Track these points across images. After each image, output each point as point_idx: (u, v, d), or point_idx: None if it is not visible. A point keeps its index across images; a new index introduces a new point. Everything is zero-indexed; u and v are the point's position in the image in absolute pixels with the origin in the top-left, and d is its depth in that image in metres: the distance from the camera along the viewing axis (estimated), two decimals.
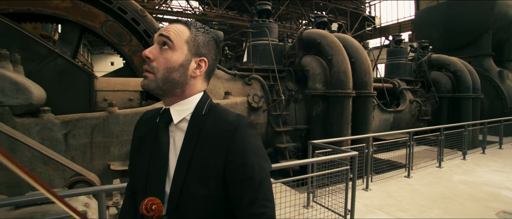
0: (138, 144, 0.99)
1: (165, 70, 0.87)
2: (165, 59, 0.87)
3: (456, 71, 9.65)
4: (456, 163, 6.62)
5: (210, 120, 0.88)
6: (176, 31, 0.89)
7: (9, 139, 3.50)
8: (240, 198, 0.83)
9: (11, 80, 3.45)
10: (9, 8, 5.00)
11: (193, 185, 0.83)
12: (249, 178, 0.83)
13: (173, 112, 0.90)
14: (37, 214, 2.03)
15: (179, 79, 0.88)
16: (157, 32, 0.90)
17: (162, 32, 0.88)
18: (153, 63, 0.87)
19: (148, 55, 0.87)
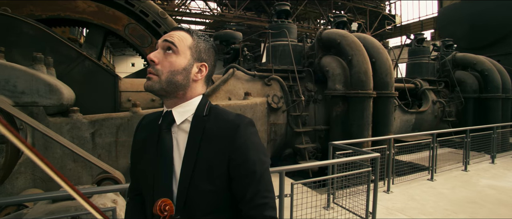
0: (140, 146, 1.02)
1: (169, 73, 0.92)
2: (170, 63, 0.92)
3: (483, 71, 9.24)
4: (483, 166, 6.34)
5: (211, 120, 0.94)
6: (180, 37, 0.95)
7: (44, 137, 3.72)
8: (244, 191, 0.90)
9: (45, 82, 3.65)
10: (43, 14, 5.30)
11: (200, 182, 0.88)
12: (252, 172, 0.90)
13: (175, 113, 0.94)
14: (71, 208, 2.15)
15: (182, 81, 0.93)
16: (161, 38, 0.95)
17: (167, 38, 0.93)
18: (158, 66, 0.92)
19: (153, 59, 0.92)
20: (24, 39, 4.20)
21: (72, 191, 0.76)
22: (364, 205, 3.51)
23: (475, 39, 12.57)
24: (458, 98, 9.18)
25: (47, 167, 0.69)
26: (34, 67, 3.73)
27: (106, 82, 4.75)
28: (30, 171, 3.78)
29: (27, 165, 3.76)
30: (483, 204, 4.25)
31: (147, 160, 0.97)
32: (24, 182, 3.76)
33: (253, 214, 0.89)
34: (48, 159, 3.82)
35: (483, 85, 9.29)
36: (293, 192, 2.82)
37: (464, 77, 9.50)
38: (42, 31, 4.30)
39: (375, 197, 3.39)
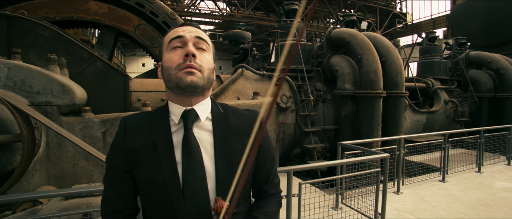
0: (137, 155, 0.90)
1: (209, 70, 0.92)
2: (207, 60, 0.92)
3: (498, 69, 8.97)
4: (499, 168, 6.17)
5: (231, 116, 0.98)
6: (206, 35, 0.95)
7: (57, 136, 3.82)
8: (268, 174, 1.03)
9: (58, 82, 3.76)
10: (57, 16, 5.45)
11: (227, 168, 0.90)
12: (272, 157, 1.05)
13: (199, 111, 0.92)
14: (82, 205, 2.21)
15: (213, 80, 0.95)
16: (185, 32, 0.90)
17: (198, 34, 0.91)
18: (198, 61, 0.88)
19: (195, 53, 0.88)
20: (39, 41, 4.33)
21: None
22: (373, 206, 3.47)
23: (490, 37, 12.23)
24: (471, 98, 8.96)
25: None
26: (48, 68, 3.84)
27: (117, 82, 4.85)
28: (44, 168, 3.90)
29: (42, 162, 3.88)
30: (498, 208, 4.13)
31: (159, 166, 0.87)
32: (39, 179, 3.88)
33: (273, 191, 1.04)
34: (61, 157, 3.94)
35: (499, 84, 9.03)
36: (301, 191, 2.81)
37: (478, 76, 9.25)
38: (56, 33, 4.42)
39: (384, 198, 3.35)
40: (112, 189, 0.94)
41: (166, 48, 0.92)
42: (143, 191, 0.92)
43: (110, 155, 0.95)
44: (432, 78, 9.08)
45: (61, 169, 3.97)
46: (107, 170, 0.96)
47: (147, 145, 0.89)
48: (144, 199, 0.93)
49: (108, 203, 0.95)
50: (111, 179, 0.94)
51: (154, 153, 0.88)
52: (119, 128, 0.95)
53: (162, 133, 0.90)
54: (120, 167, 0.92)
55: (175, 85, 0.88)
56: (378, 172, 3.39)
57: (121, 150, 0.92)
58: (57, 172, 3.94)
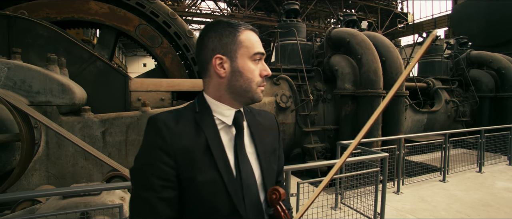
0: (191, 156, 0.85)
1: None
2: None
3: (500, 69, 8.94)
4: (500, 168, 6.14)
5: (255, 115, 1.04)
6: None
7: (57, 135, 3.83)
8: (282, 165, 1.11)
9: (58, 82, 3.76)
10: (57, 17, 5.46)
11: (273, 164, 1.01)
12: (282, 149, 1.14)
13: (244, 112, 0.98)
14: (81, 204, 2.21)
15: None
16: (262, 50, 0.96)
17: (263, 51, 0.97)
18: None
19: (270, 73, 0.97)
20: (39, 40, 4.34)
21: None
22: (372, 206, 3.47)
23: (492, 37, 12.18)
24: (472, 97, 8.92)
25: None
26: (48, 67, 3.85)
27: (116, 82, 4.85)
28: (44, 168, 3.91)
29: (42, 162, 3.89)
30: (499, 208, 4.12)
31: (216, 166, 0.86)
32: (39, 178, 3.89)
33: (282, 180, 1.14)
34: (61, 156, 3.95)
35: (500, 84, 8.99)
36: (299, 191, 2.81)
37: (479, 76, 9.22)
38: (56, 33, 4.43)
39: (384, 197, 3.34)
40: (158, 199, 0.81)
41: (248, 56, 0.90)
42: (199, 193, 0.85)
43: (148, 160, 0.83)
44: (433, 78, 9.05)
45: (61, 169, 3.98)
46: (144, 178, 0.82)
47: (199, 144, 0.86)
48: (198, 201, 0.86)
49: (148, 215, 0.82)
50: (154, 188, 0.81)
51: (208, 153, 0.86)
52: (155, 129, 0.84)
53: (211, 132, 0.88)
54: (168, 172, 0.82)
55: (249, 98, 0.93)
56: (377, 171, 3.38)
57: (167, 152, 0.82)
58: (56, 172, 3.95)
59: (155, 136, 0.84)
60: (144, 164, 0.84)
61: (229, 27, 0.91)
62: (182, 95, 5.54)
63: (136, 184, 0.85)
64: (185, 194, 0.85)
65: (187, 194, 0.85)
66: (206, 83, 0.95)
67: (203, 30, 0.95)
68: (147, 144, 0.85)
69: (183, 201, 0.86)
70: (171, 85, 5.31)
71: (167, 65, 6.37)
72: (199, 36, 0.95)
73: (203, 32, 0.94)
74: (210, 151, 0.86)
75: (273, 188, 0.89)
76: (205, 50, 0.92)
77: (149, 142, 0.85)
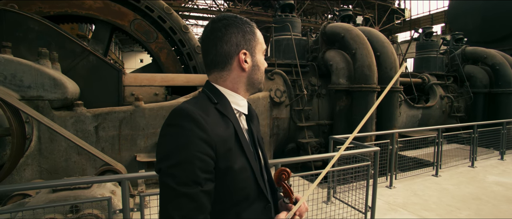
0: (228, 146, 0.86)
1: None
2: None
3: (494, 65, 8.98)
4: (492, 163, 6.21)
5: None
6: None
7: (49, 130, 3.82)
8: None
9: (50, 77, 3.74)
10: (50, 11, 5.40)
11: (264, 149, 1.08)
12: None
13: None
14: (70, 197, 2.21)
15: None
16: (263, 42, 1.04)
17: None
18: None
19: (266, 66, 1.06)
20: (30, 35, 4.30)
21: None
22: (364, 199, 3.50)
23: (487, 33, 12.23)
24: (467, 93, 8.97)
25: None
26: (39, 62, 3.82)
27: (110, 77, 4.83)
28: (36, 163, 3.90)
29: (34, 157, 3.88)
30: (488, 201, 4.17)
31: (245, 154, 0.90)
32: (31, 173, 3.89)
33: None
34: (53, 151, 3.94)
35: (494, 79, 9.04)
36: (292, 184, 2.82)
37: (474, 72, 9.26)
38: (48, 27, 4.40)
39: (375, 191, 3.37)
40: (202, 193, 0.78)
41: (262, 51, 1.01)
42: (233, 181, 0.86)
43: (190, 152, 0.78)
44: (428, 74, 9.08)
45: (53, 163, 3.97)
46: (188, 172, 0.77)
47: (230, 133, 0.88)
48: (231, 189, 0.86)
49: (194, 213, 0.77)
50: (199, 181, 0.78)
51: (237, 142, 0.89)
52: (192, 119, 0.80)
53: (236, 122, 0.92)
54: (209, 163, 0.80)
55: (259, 88, 1.03)
56: (369, 165, 3.41)
57: (208, 143, 0.80)
58: (49, 166, 3.94)
59: (194, 127, 0.79)
60: (186, 158, 0.78)
61: (248, 24, 0.97)
62: (176, 90, 5.53)
63: (177, 180, 0.77)
64: (218, 185, 0.84)
65: (221, 184, 0.84)
66: (223, 76, 0.95)
67: (220, 24, 0.93)
68: (184, 137, 0.79)
69: (215, 192, 0.84)
70: (165, 80, 5.30)
71: (162, 60, 6.34)
72: (215, 29, 0.93)
73: (222, 26, 0.93)
74: (239, 139, 0.89)
75: (281, 169, 0.97)
76: (227, 45, 0.92)
77: (188, 134, 0.79)
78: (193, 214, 0.77)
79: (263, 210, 0.94)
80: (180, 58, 6.41)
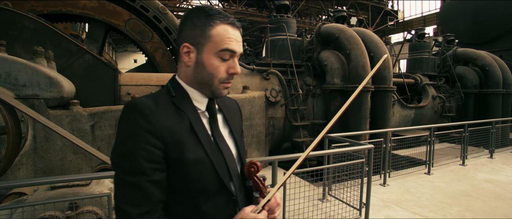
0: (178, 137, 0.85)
1: None
2: None
3: (484, 66, 9.19)
4: (482, 161, 6.36)
5: (222, 99, 1.09)
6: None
7: (44, 129, 3.80)
8: (243, 144, 1.13)
9: (45, 75, 3.73)
10: (44, 10, 5.36)
11: (243, 141, 1.11)
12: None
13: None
14: (69, 194, 2.22)
15: None
16: (237, 46, 0.92)
17: (242, 50, 0.97)
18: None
19: (239, 72, 0.95)
20: (25, 33, 4.27)
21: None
22: (359, 196, 3.56)
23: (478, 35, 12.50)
24: (458, 93, 9.16)
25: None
26: (35, 60, 3.80)
27: (106, 76, 4.82)
28: (31, 162, 3.87)
29: (29, 156, 3.85)
30: (478, 197, 4.28)
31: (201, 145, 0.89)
32: (26, 172, 3.86)
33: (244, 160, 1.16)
34: (49, 150, 3.92)
35: (484, 80, 9.25)
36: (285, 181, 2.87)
37: (465, 73, 9.46)
38: (43, 25, 4.37)
39: (369, 188, 3.44)
40: (148, 182, 0.80)
41: (213, 51, 0.90)
42: (187, 172, 0.86)
43: (135, 143, 0.81)
44: (421, 74, 9.24)
45: (49, 163, 3.95)
46: (133, 162, 0.80)
47: (183, 125, 0.88)
48: (187, 180, 0.86)
49: (142, 201, 0.79)
50: (145, 171, 0.80)
51: (192, 133, 0.88)
52: (139, 112, 0.83)
53: (193, 115, 0.92)
54: (156, 154, 0.82)
55: (211, 92, 0.94)
56: (363, 162, 3.48)
57: (153, 133, 0.81)
58: (44, 166, 3.92)
59: (139, 118, 0.82)
60: (131, 148, 0.81)
61: (203, 18, 0.90)
62: None
63: (123, 170, 0.81)
64: (172, 176, 0.85)
65: (175, 175, 0.85)
66: (178, 68, 0.98)
67: (184, 15, 0.96)
68: (130, 128, 0.82)
69: (170, 183, 0.85)
70: (161, 80, 5.31)
71: (158, 60, 6.34)
72: (181, 20, 0.96)
73: (183, 17, 0.95)
74: (194, 132, 0.88)
75: (250, 162, 0.94)
76: (179, 37, 0.94)
77: (133, 126, 0.82)
78: (139, 202, 0.79)
79: (226, 203, 0.92)
80: (175, 58, 6.42)
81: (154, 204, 0.81)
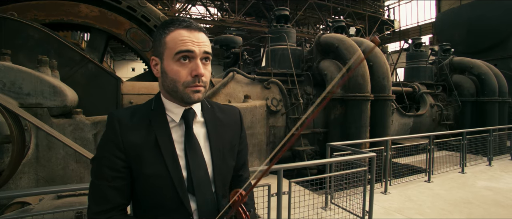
0: (139, 151, 0.90)
1: (209, 81, 0.97)
2: (209, 72, 0.95)
3: (480, 74, 9.34)
4: (480, 168, 6.41)
5: (217, 110, 1.07)
6: (210, 43, 0.97)
7: (47, 138, 3.80)
8: (244, 159, 1.15)
9: (49, 84, 3.75)
10: (46, 19, 5.42)
11: (229, 160, 1.04)
12: (247, 144, 1.18)
13: (196, 109, 0.99)
14: (75, 204, 2.23)
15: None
16: (194, 45, 0.89)
17: (206, 49, 0.92)
18: (203, 78, 0.91)
19: (203, 73, 0.91)
20: (30, 42, 4.31)
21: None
22: (361, 204, 3.58)
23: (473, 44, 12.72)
24: (455, 101, 9.27)
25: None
26: (39, 69, 3.83)
27: (108, 85, 4.85)
28: (33, 171, 3.86)
29: (31, 165, 3.84)
30: (479, 205, 4.31)
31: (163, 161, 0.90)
32: (27, 182, 3.84)
33: (247, 176, 1.18)
34: (51, 159, 3.91)
35: (480, 89, 9.39)
36: (290, 189, 2.89)
37: (462, 81, 9.60)
38: (47, 35, 4.42)
39: (372, 196, 3.46)
40: (108, 187, 0.89)
41: (170, 56, 0.90)
42: (145, 185, 0.91)
43: (102, 152, 0.91)
44: (419, 83, 9.37)
45: (51, 172, 3.93)
46: (99, 168, 0.91)
47: (148, 140, 0.91)
48: (145, 191, 0.92)
49: (101, 201, 0.89)
50: (105, 176, 0.89)
51: (156, 148, 0.90)
52: (110, 124, 0.91)
53: (161, 129, 0.93)
54: (117, 163, 0.89)
55: (180, 98, 0.92)
56: (365, 170, 3.51)
57: (117, 146, 0.89)
58: (46, 175, 3.91)
59: (109, 130, 0.92)
60: (99, 155, 0.92)
61: (161, 29, 0.93)
62: None
63: (92, 173, 0.92)
64: (135, 185, 0.92)
65: (137, 185, 0.92)
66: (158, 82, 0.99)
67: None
68: (103, 137, 0.93)
69: (134, 191, 0.94)
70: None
71: None
72: None
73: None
74: (158, 147, 0.91)
75: (235, 191, 0.90)
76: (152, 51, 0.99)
77: (104, 136, 0.93)
78: (100, 202, 0.89)
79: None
80: None
81: (112, 205, 0.90)
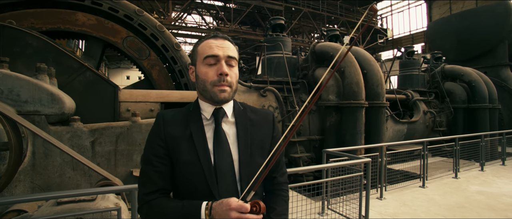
0: (176, 142, 1.08)
1: (236, 82, 1.14)
2: (235, 74, 1.13)
3: (470, 82, 9.57)
4: (473, 174, 6.52)
5: (249, 112, 1.21)
6: (234, 50, 1.14)
7: (44, 145, 3.79)
8: (279, 160, 1.21)
9: (47, 92, 3.76)
10: (43, 27, 5.44)
11: (256, 157, 1.12)
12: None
13: (227, 109, 1.14)
14: (76, 209, 2.23)
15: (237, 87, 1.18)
16: (219, 50, 1.07)
17: (229, 54, 1.09)
18: (229, 78, 1.08)
19: (227, 72, 1.07)
20: (28, 50, 4.33)
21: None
22: (357, 209, 3.63)
23: (463, 52, 13.04)
24: (448, 108, 9.46)
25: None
26: (37, 77, 3.84)
27: (106, 93, 4.86)
28: (29, 179, 3.83)
29: (27, 172, 3.81)
30: (472, 209, 4.39)
31: (196, 152, 1.06)
32: (22, 189, 3.81)
33: (282, 180, 1.22)
34: (47, 167, 3.90)
35: (471, 95, 9.61)
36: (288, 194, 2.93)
37: (453, 88, 9.82)
38: (45, 43, 4.44)
39: (367, 200, 3.51)
40: (153, 171, 1.08)
41: (201, 61, 1.10)
42: (182, 171, 1.07)
43: (150, 143, 1.11)
44: (412, 90, 9.55)
45: (47, 179, 3.91)
46: (146, 155, 1.10)
47: (185, 133, 1.09)
48: (181, 177, 1.08)
49: (147, 184, 1.08)
50: (151, 161, 1.08)
51: (191, 141, 1.08)
52: (156, 120, 1.13)
53: (196, 126, 1.10)
54: (160, 151, 1.08)
55: (210, 97, 1.09)
56: (361, 175, 3.57)
57: (160, 136, 1.09)
58: (42, 183, 3.88)
59: (155, 125, 1.13)
60: (147, 145, 1.13)
61: (197, 43, 1.15)
62: (171, 107, 5.59)
63: (141, 160, 1.13)
64: (174, 172, 1.09)
65: (175, 172, 1.09)
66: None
67: None
68: (150, 132, 1.15)
69: (174, 178, 1.10)
70: (160, 96, 5.37)
71: (154, 78, 6.41)
72: None
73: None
74: (192, 139, 1.08)
75: (254, 201, 0.94)
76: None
77: (152, 130, 1.15)
78: (147, 184, 1.08)
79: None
80: (172, 76, 6.50)
81: (157, 187, 1.07)
